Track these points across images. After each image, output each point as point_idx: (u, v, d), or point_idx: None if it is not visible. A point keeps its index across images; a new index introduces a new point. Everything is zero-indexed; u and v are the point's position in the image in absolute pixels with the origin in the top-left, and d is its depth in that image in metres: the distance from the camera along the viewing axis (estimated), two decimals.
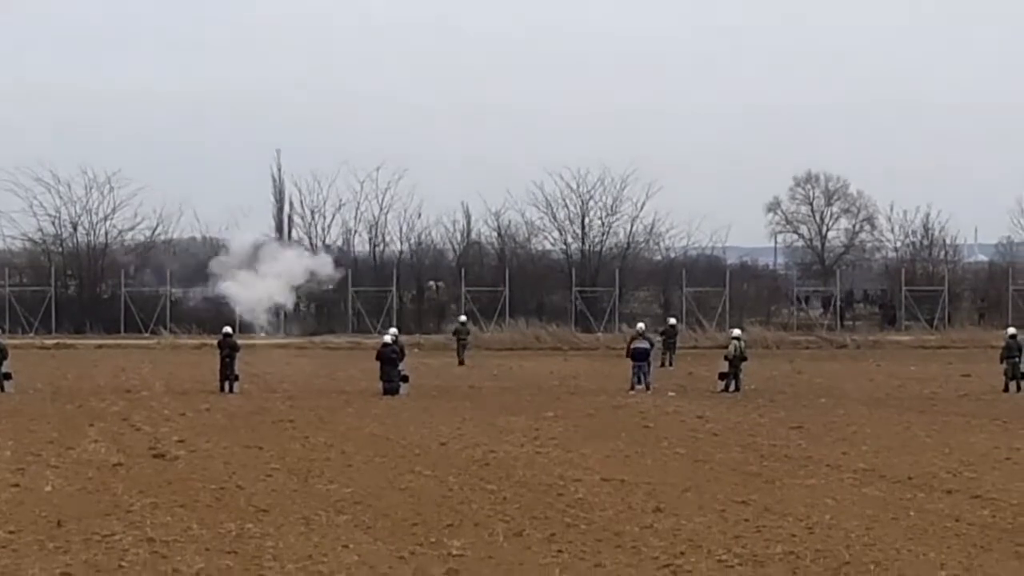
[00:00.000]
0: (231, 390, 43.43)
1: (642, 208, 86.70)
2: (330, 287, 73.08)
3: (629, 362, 45.66)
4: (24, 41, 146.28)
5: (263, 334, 62.76)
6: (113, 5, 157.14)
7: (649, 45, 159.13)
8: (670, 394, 42.95)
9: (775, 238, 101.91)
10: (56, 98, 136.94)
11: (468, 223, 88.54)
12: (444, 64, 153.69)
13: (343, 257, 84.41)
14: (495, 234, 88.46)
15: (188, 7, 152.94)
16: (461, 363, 57.75)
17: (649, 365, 45.75)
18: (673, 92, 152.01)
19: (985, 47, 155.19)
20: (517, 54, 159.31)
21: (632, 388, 44.44)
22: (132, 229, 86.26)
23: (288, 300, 60.73)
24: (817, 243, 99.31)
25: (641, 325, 50.66)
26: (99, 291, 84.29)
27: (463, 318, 63.35)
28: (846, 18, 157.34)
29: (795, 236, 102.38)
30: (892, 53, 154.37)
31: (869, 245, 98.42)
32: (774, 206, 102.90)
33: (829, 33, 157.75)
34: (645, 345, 46.01)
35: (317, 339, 74.46)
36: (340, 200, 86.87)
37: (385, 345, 43.24)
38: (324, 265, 61.41)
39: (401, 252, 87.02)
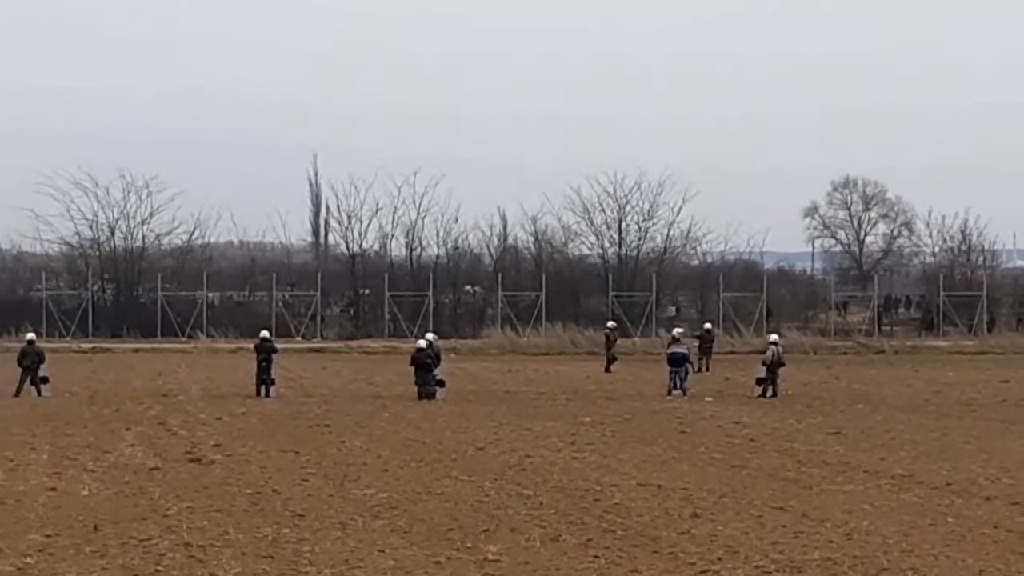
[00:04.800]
0: (267, 394, 43.46)
1: (679, 213, 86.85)
2: None
3: (666, 367, 45.56)
4: (61, 45, 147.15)
5: None
6: (152, 10, 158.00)
7: (688, 51, 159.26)
8: (707, 399, 42.81)
9: (813, 243, 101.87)
10: (94, 103, 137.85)
11: (505, 228, 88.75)
12: (481, 69, 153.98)
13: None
14: (532, 239, 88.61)
15: (226, 12, 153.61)
16: (607, 370, 56.27)
17: (686, 370, 45.57)
18: (710, 97, 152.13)
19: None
20: (557, 57, 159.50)
21: (669, 393, 44.31)
22: (169, 233, 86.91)
23: None
24: (855, 248, 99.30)
25: (678, 330, 50.62)
26: (136, 295, 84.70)
27: (612, 323, 62.60)
28: (882, 21, 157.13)
29: (833, 241, 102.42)
30: (931, 55, 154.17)
31: (907, 250, 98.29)
32: (812, 211, 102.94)
33: (867, 37, 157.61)
34: (682, 350, 45.82)
35: (354, 343, 74.60)
36: (377, 204, 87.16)
37: (420, 350, 43.06)
38: None
39: (438, 257, 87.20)
